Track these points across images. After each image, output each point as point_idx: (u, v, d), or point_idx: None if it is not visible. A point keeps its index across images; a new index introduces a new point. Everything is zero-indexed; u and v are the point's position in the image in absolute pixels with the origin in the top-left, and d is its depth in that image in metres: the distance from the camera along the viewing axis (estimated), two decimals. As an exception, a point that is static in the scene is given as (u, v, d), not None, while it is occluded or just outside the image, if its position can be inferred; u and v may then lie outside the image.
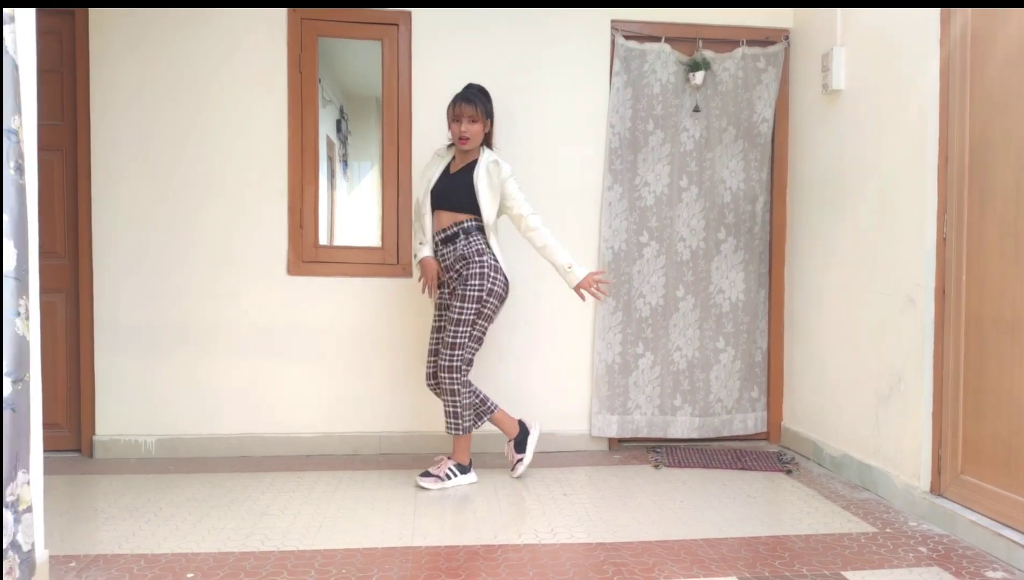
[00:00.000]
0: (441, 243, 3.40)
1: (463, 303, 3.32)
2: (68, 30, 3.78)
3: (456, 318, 3.32)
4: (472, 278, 3.33)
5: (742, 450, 4.07)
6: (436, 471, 3.39)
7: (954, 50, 2.95)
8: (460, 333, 3.32)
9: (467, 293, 3.32)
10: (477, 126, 3.37)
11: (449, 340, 3.32)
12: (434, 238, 3.44)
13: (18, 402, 1.91)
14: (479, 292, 3.31)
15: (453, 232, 3.37)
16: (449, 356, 3.31)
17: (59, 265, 3.82)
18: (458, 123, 3.36)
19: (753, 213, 4.16)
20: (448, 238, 3.38)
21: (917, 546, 2.73)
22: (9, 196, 1.90)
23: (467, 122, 3.35)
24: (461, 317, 3.32)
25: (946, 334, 2.98)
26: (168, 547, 2.64)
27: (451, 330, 3.33)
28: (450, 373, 3.32)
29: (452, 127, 3.39)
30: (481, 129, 3.39)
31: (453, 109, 3.38)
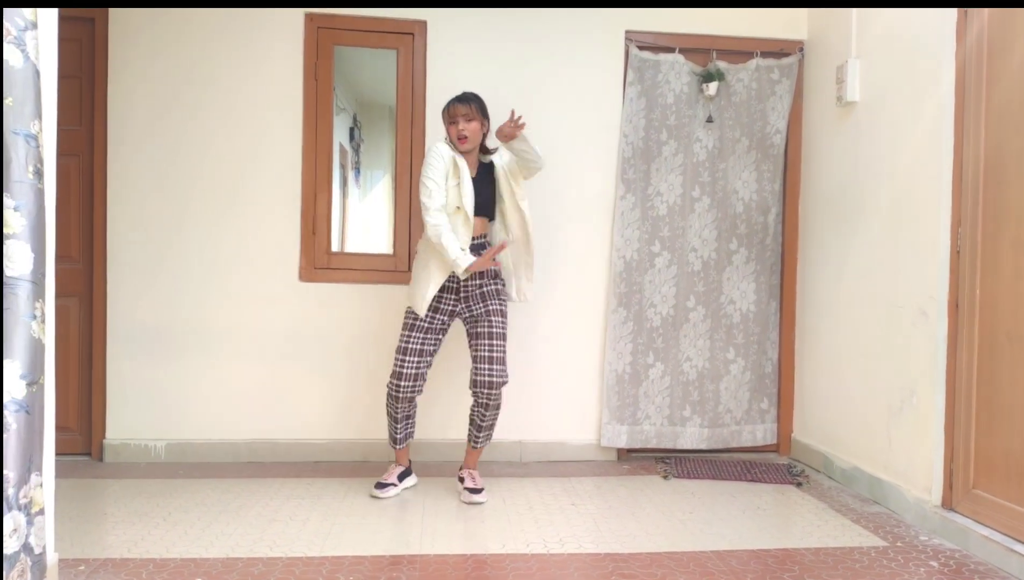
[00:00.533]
0: (475, 250, 3.30)
1: (503, 318, 3.34)
2: (88, 37, 3.82)
3: (502, 332, 3.31)
4: (502, 293, 3.38)
5: (752, 462, 4.05)
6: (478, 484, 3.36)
7: (969, 62, 2.94)
8: (504, 346, 3.32)
9: (503, 308, 3.35)
10: (474, 124, 3.31)
11: (498, 354, 3.29)
12: None
13: (32, 404, 1.93)
14: (507, 307, 3.39)
15: (481, 243, 3.35)
16: (502, 371, 3.29)
17: (73, 269, 3.84)
18: (455, 124, 3.29)
19: (765, 224, 4.15)
20: (477, 247, 3.32)
21: (928, 560, 2.71)
22: (27, 200, 1.92)
23: (463, 121, 3.28)
24: (504, 331, 3.33)
25: (959, 347, 2.97)
26: (177, 552, 2.65)
27: (499, 345, 3.29)
28: (502, 387, 3.31)
29: (450, 129, 3.31)
30: (479, 128, 3.32)
31: (448, 112, 3.32)
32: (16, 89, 1.92)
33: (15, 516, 1.88)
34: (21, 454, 1.89)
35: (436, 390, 3.84)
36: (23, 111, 1.93)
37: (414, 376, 3.29)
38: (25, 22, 1.95)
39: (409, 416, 3.41)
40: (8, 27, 1.91)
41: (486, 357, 3.28)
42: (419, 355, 3.29)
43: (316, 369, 3.95)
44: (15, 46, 1.93)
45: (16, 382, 1.87)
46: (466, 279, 3.29)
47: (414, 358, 3.29)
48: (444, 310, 3.33)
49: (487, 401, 3.30)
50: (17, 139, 1.90)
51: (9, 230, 1.87)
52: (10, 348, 1.87)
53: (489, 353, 3.28)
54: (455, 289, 3.31)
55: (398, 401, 3.31)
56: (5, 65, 1.90)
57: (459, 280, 3.30)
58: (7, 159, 1.88)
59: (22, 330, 1.89)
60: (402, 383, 3.28)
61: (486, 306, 3.33)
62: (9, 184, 1.88)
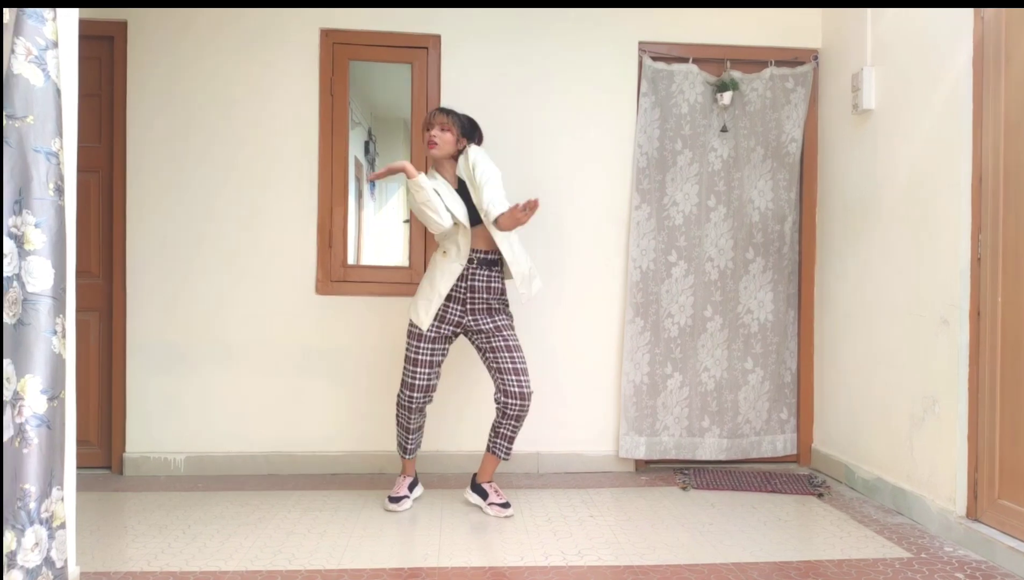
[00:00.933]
0: (481, 264, 3.28)
1: (514, 331, 3.34)
2: (107, 56, 3.87)
3: (517, 344, 3.31)
4: (507, 310, 3.37)
5: (772, 472, 4.01)
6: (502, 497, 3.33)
7: (987, 67, 2.92)
8: (524, 357, 3.33)
9: (511, 322, 3.36)
10: (448, 135, 3.28)
11: (522, 365, 3.28)
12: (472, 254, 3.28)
13: (53, 419, 1.94)
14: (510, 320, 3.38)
15: (493, 258, 3.31)
16: (529, 382, 3.29)
17: (93, 284, 3.88)
18: (429, 129, 3.29)
19: (782, 233, 4.13)
20: (487, 262, 3.30)
21: (954, 572, 2.67)
22: (48, 216, 1.94)
23: (438, 128, 3.27)
24: (518, 342, 3.34)
25: (981, 356, 2.93)
26: (197, 565, 2.66)
27: (519, 355, 3.29)
28: (530, 399, 3.30)
29: (424, 135, 3.32)
30: (452, 140, 3.29)
31: (426, 120, 3.32)
32: (37, 107, 1.95)
33: (36, 530, 1.89)
34: (42, 468, 1.90)
35: (445, 401, 3.84)
36: (44, 129, 1.95)
37: (425, 387, 3.31)
38: (46, 41, 1.98)
39: (420, 427, 3.43)
40: (29, 46, 1.94)
41: (511, 369, 3.26)
42: (429, 366, 3.30)
43: (333, 381, 3.96)
44: (36, 65, 1.96)
45: (37, 397, 1.89)
46: (472, 293, 3.26)
47: (424, 369, 3.29)
48: (450, 320, 3.30)
49: (519, 412, 3.28)
50: (38, 157, 1.93)
51: (30, 246, 1.90)
52: (31, 363, 1.88)
53: (514, 365, 3.27)
54: (461, 300, 3.28)
55: (411, 412, 3.33)
56: (27, 84, 1.93)
57: (465, 292, 3.26)
58: (28, 177, 1.91)
59: (43, 345, 1.90)
60: (415, 395, 3.30)
61: (495, 321, 3.31)
62: (30, 201, 1.91)
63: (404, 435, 3.40)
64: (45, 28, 1.98)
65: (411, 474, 3.48)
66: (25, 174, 1.91)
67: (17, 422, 1.86)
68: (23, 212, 1.89)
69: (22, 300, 1.88)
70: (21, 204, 1.89)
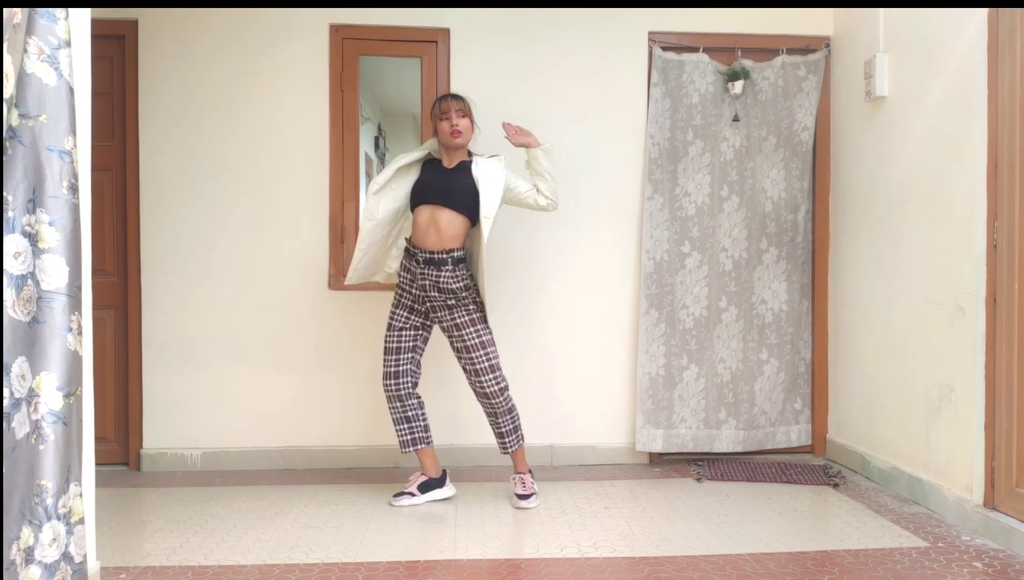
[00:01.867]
0: (427, 264, 3.20)
1: (474, 327, 3.25)
2: (119, 55, 3.89)
3: (477, 342, 3.25)
4: (469, 303, 3.26)
5: (786, 463, 4.00)
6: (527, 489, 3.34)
7: (1002, 52, 2.89)
8: (491, 353, 3.28)
9: (472, 317, 3.25)
10: (467, 120, 3.24)
11: (485, 364, 3.26)
12: (415, 251, 3.23)
13: (70, 416, 1.96)
14: (481, 314, 3.29)
15: (442, 258, 3.19)
16: (494, 379, 3.28)
17: (108, 282, 3.91)
18: (447, 119, 3.21)
19: (795, 222, 4.10)
20: (436, 262, 3.20)
21: (972, 561, 2.65)
22: (62, 214, 1.95)
23: (457, 116, 3.21)
24: (481, 339, 3.26)
25: (998, 343, 2.91)
26: (215, 559, 2.68)
27: (480, 354, 3.25)
28: (502, 394, 3.31)
29: (441, 125, 3.22)
30: (470, 125, 3.26)
31: (439, 107, 3.24)
32: (50, 106, 1.96)
33: (54, 526, 1.91)
34: (59, 465, 1.92)
35: (467, 395, 3.84)
36: (57, 128, 1.96)
37: (396, 373, 3.31)
38: (58, 40, 1.99)
39: (408, 418, 3.34)
40: (41, 46, 1.95)
41: (471, 369, 3.30)
42: (397, 353, 3.31)
43: (346, 376, 3.97)
44: (49, 64, 1.97)
45: (53, 394, 1.91)
46: (424, 291, 3.24)
47: (393, 356, 3.31)
48: (417, 311, 3.33)
49: (492, 410, 3.35)
50: (51, 155, 1.94)
51: (44, 245, 1.91)
52: (47, 361, 1.90)
53: (472, 365, 3.28)
54: (421, 298, 3.27)
55: (389, 400, 3.35)
56: (40, 83, 1.94)
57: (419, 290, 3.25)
58: (42, 176, 1.92)
59: (58, 343, 1.92)
60: (386, 382, 3.34)
61: (453, 319, 3.25)
62: (44, 199, 1.92)
63: (395, 427, 3.39)
64: (57, 27, 1.99)
65: (430, 472, 3.39)
66: (39, 173, 1.92)
67: (33, 419, 1.88)
68: (37, 210, 1.91)
69: (37, 298, 1.90)
70: (35, 203, 1.90)
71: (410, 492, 3.34)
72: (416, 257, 3.24)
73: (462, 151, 3.32)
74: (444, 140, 3.27)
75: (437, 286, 3.22)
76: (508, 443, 3.39)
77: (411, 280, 3.28)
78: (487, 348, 3.27)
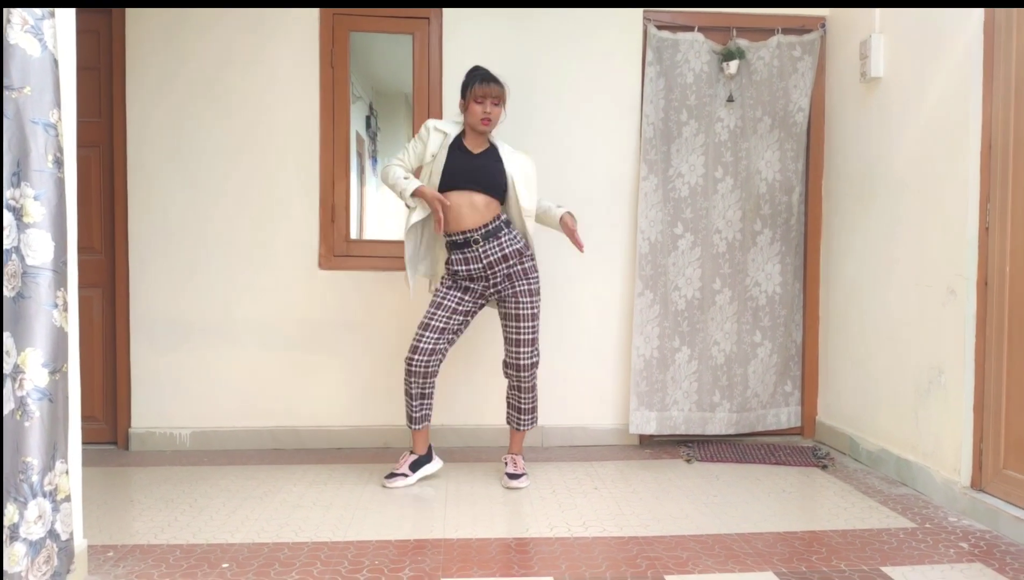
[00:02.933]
0: (484, 238, 3.19)
1: (531, 298, 3.26)
2: (105, 29, 3.82)
3: (530, 313, 3.26)
4: (531, 272, 3.27)
5: (776, 445, 4.01)
6: (519, 469, 3.35)
7: (998, 33, 2.87)
8: (535, 327, 3.28)
9: (532, 287, 3.26)
10: (499, 109, 3.22)
11: (528, 336, 3.26)
12: (467, 234, 3.20)
13: (55, 392, 1.94)
14: (538, 284, 3.30)
15: (496, 226, 3.20)
16: (531, 353, 3.28)
17: (95, 260, 3.87)
18: (482, 103, 3.18)
19: (789, 204, 4.09)
20: (491, 233, 3.20)
21: (958, 542, 2.67)
22: (47, 189, 1.92)
23: (491, 104, 3.18)
24: (534, 311, 3.27)
25: (988, 326, 2.91)
26: (203, 538, 2.67)
27: (528, 326, 3.26)
28: (534, 369, 3.32)
29: (473, 107, 3.19)
30: (500, 113, 3.24)
31: (477, 88, 3.17)
32: (34, 78, 1.92)
33: (40, 503, 1.90)
34: (45, 442, 1.90)
35: (464, 374, 3.84)
36: (41, 100, 1.93)
37: (431, 351, 3.22)
38: (42, 11, 1.95)
39: (424, 394, 3.30)
40: (25, 16, 1.91)
41: (513, 339, 3.28)
42: (439, 332, 3.23)
43: (337, 356, 3.96)
44: (32, 35, 1.93)
45: (38, 370, 1.89)
46: (491, 269, 3.20)
47: (433, 334, 3.22)
48: (474, 291, 3.26)
49: (519, 383, 3.32)
50: (36, 128, 1.91)
51: (29, 219, 1.88)
52: (32, 336, 1.88)
53: (516, 335, 3.27)
54: (484, 277, 3.23)
55: (412, 375, 3.25)
56: (23, 54, 1.90)
57: (484, 270, 3.21)
58: (26, 149, 1.89)
59: (44, 319, 1.90)
60: (416, 357, 3.21)
61: (513, 287, 3.25)
62: (28, 173, 1.89)
63: (408, 402, 3.32)
64: (38, 0, 1.95)
65: (420, 450, 3.37)
66: (23, 146, 1.88)
67: (18, 395, 1.85)
68: (22, 184, 1.87)
69: (22, 273, 1.87)
70: (19, 176, 1.87)
71: (403, 473, 3.32)
72: (471, 240, 3.19)
73: (486, 137, 3.30)
74: (472, 122, 3.23)
75: (503, 254, 3.20)
76: (524, 421, 3.39)
77: (469, 262, 3.22)
78: (536, 320, 3.29)
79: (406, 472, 3.33)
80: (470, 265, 3.23)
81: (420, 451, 3.38)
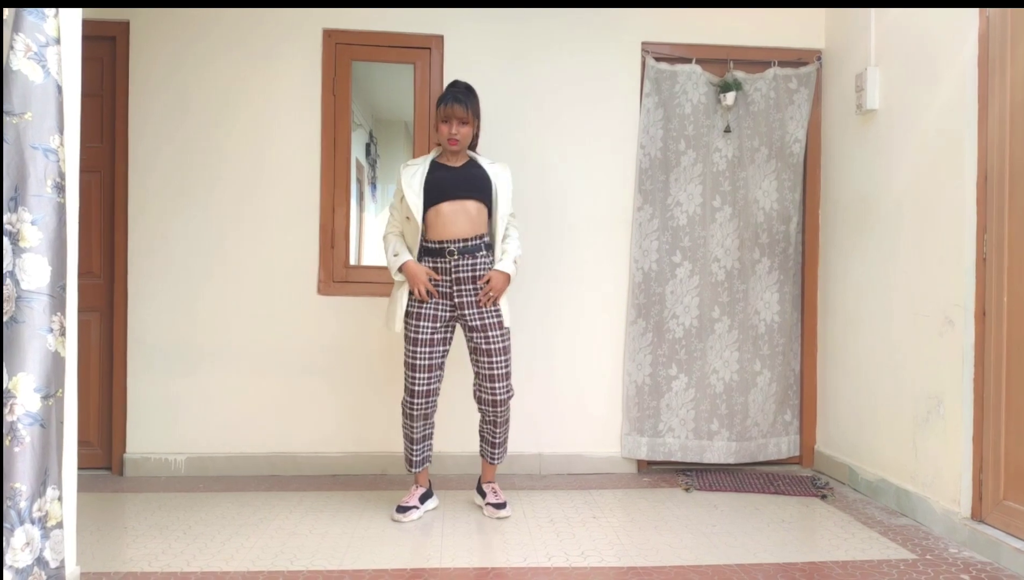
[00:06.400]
0: (460, 253, 3.14)
1: (501, 330, 3.18)
2: (109, 57, 3.87)
3: (502, 346, 3.17)
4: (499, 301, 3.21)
5: (775, 474, 3.99)
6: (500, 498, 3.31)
7: (992, 66, 2.90)
8: (508, 361, 3.21)
9: (500, 319, 3.19)
10: (467, 128, 3.19)
11: (502, 370, 3.18)
12: (443, 244, 3.15)
13: (48, 418, 1.93)
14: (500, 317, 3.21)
15: (475, 245, 3.16)
16: (506, 387, 3.21)
17: (94, 284, 3.88)
18: (448, 124, 3.17)
19: (787, 233, 4.11)
20: (469, 249, 3.15)
21: (959, 574, 2.64)
22: (45, 213, 1.93)
23: (457, 124, 3.17)
24: (506, 345, 3.20)
25: (987, 356, 2.91)
26: (198, 565, 2.64)
27: (500, 360, 3.18)
28: (508, 402, 3.25)
29: (441, 128, 3.19)
30: (470, 131, 3.21)
31: (443, 109, 3.18)
32: (36, 104, 1.94)
33: (27, 530, 1.88)
34: (35, 467, 1.89)
35: (453, 402, 3.82)
36: (42, 126, 1.94)
37: (426, 392, 3.17)
38: (47, 38, 1.97)
39: (426, 437, 3.27)
40: (29, 43, 1.93)
41: (487, 374, 3.20)
42: (428, 370, 3.17)
43: (335, 382, 3.94)
44: (36, 62, 1.95)
45: (31, 395, 1.88)
46: (458, 285, 3.15)
47: (424, 374, 3.16)
48: (441, 318, 3.18)
49: (495, 418, 3.27)
50: (36, 153, 1.92)
51: (25, 243, 1.88)
52: (24, 361, 1.87)
53: (490, 370, 3.18)
54: (448, 294, 3.16)
55: (413, 419, 3.19)
56: (25, 80, 1.92)
57: (450, 285, 3.16)
58: (25, 174, 1.90)
59: (37, 343, 1.89)
60: (415, 401, 3.16)
61: (482, 318, 3.16)
62: (26, 198, 1.89)
63: (408, 446, 3.26)
64: (46, 24, 1.97)
65: (424, 485, 3.34)
66: (22, 171, 1.89)
67: (8, 420, 1.84)
68: (19, 209, 1.88)
69: (16, 297, 1.87)
70: (17, 201, 1.88)
71: (414, 506, 3.25)
72: (447, 250, 3.14)
73: (462, 154, 3.29)
74: (441, 141, 3.25)
75: (473, 275, 3.15)
76: (498, 454, 3.36)
77: (438, 272, 3.16)
78: (508, 354, 3.21)
79: (416, 504, 3.26)
80: (438, 276, 3.16)
81: (424, 485, 3.35)
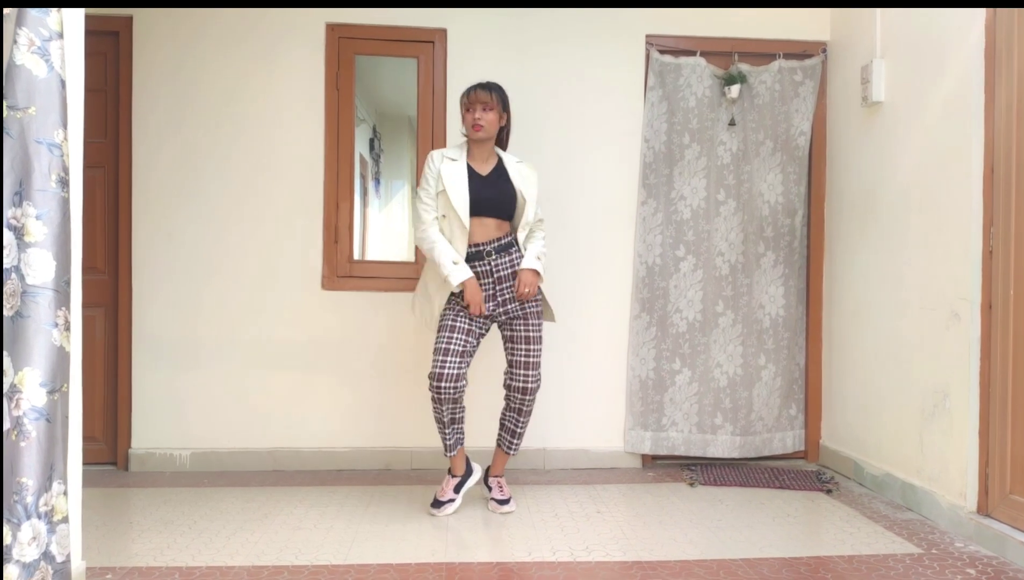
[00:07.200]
0: (496, 252, 3.16)
1: (539, 320, 3.24)
2: (112, 52, 3.86)
3: (538, 335, 3.23)
4: (538, 293, 3.24)
5: (779, 468, 3.98)
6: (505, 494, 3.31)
7: (999, 58, 2.88)
8: (541, 350, 3.25)
9: (539, 309, 3.25)
10: (492, 115, 3.16)
11: (536, 358, 3.22)
12: (480, 247, 3.15)
13: (54, 413, 1.93)
14: (540, 307, 3.27)
15: (508, 241, 3.19)
16: (537, 375, 3.24)
17: (99, 280, 3.88)
18: (471, 111, 3.16)
19: (792, 227, 4.09)
20: (503, 248, 3.18)
21: (965, 568, 2.63)
22: (50, 208, 1.93)
23: (480, 109, 3.14)
24: (541, 334, 3.25)
25: (993, 349, 2.90)
26: (203, 560, 2.65)
27: (536, 348, 3.22)
28: (535, 393, 3.26)
29: (465, 116, 3.18)
30: (496, 119, 3.18)
31: (467, 98, 3.18)
32: (39, 98, 1.93)
33: (34, 524, 1.88)
34: (41, 462, 1.89)
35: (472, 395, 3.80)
36: (46, 120, 1.94)
37: (456, 376, 3.09)
38: (50, 32, 1.97)
39: (455, 420, 3.22)
40: (32, 37, 1.93)
41: (522, 362, 3.23)
42: (460, 356, 3.10)
43: (339, 377, 3.94)
44: (39, 56, 1.94)
45: (36, 390, 1.88)
46: (499, 284, 3.16)
47: (455, 358, 3.08)
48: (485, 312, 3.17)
49: (521, 406, 3.27)
50: (40, 148, 1.92)
51: (30, 238, 1.88)
52: (29, 356, 1.87)
53: (526, 358, 3.22)
54: (491, 295, 3.16)
55: (442, 402, 3.12)
56: (29, 75, 1.92)
57: (492, 286, 3.16)
58: (29, 168, 1.90)
59: (43, 338, 1.89)
60: (443, 384, 3.08)
61: (523, 308, 3.22)
62: (31, 193, 1.89)
63: (440, 429, 3.21)
64: (49, 19, 1.97)
65: (459, 473, 3.29)
66: (26, 165, 1.89)
67: (14, 415, 1.84)
68: (23, 204, 1.88)
69: (21, 292, 1.87)
70: (21, 196, 1.88)
71: (450, 499, 3.24)
72: (484, 252, 3.15)
73: (487, 145, 3.25)
74: (466, 130, 3.22)
75: (514, 270, 3.18)
76: (515, 445, 3.35)
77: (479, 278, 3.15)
78: (541, 344, 3.26)
79: (453, 497, 3.25)
80: (480, 281, 3.15)
81: (459, 473, 3.30)
